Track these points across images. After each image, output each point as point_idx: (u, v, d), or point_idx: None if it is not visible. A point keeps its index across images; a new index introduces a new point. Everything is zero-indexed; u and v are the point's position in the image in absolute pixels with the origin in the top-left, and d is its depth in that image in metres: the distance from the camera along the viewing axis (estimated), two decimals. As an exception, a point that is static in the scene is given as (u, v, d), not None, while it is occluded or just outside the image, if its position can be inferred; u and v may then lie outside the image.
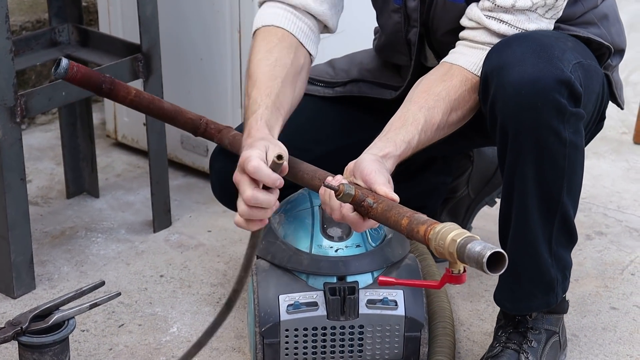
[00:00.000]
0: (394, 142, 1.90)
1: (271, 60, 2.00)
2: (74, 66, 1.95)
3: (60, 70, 1.94)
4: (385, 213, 1.75)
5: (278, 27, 2.06)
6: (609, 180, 3.04)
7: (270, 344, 2.10)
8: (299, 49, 2.06)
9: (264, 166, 1.77)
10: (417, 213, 1.74)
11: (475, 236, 1.64)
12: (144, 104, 2.04)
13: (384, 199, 1.78)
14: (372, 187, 1.80)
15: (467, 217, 2.61)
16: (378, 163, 1.84)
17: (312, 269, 2.10)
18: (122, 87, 2.01)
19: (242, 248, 2.68)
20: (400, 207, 1.76)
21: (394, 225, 1.74)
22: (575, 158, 1.98)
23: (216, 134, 2.13)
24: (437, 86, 1.97)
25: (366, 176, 1.82)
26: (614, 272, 2.60)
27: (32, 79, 3.28)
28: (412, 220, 1.72)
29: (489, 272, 1.60)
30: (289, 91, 1.99)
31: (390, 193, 1.79)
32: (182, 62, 2.91)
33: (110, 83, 2.00)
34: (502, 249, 1.60)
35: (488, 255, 1.59)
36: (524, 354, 2.13)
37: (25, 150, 2.51)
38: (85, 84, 1.99)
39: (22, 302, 2.45)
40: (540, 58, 1.91)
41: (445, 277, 1.71)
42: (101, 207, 2.88)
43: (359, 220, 1.81)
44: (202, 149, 2.97)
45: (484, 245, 1.61)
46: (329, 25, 2.13)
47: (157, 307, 2.45)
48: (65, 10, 2.72)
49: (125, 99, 2.02)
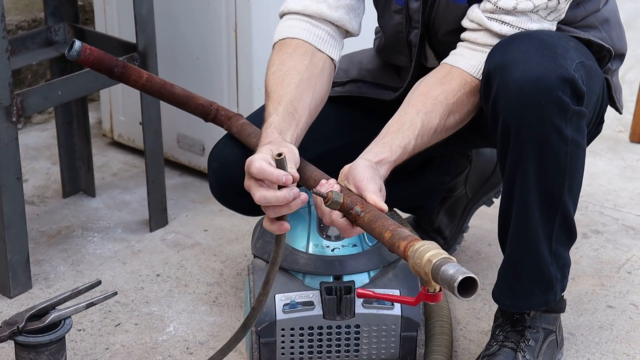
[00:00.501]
0: (389, 148, 1.90)
1: (283, 71, 2.02)
2: (86, 48, 1.95)
3: (73, 52, 1.93)
4: (371, 223, 1.77)
5: (293, 38, 2.07)
6: (606, 178, 3.04)
7: (266, 343, 2.10)
8: (316, 54, 2.06)
9: (267, 165, 1.77)
10: (401, 227, 1.75)
11: (451, 258, 1.65)
12: (155, 89, 2.04)
13: (372, 209, 1.79)
14: (363, 194, 1.81)
15: (464, 217, 2.61)
16: (371, 170, 1.84)
17: (309, 268, 2.10)
18: (134, 70, 2.01)
19: (238, 247, 2.68)
20: (386, 218, 1.77)
21: (377, 236, 1.76)
22: (577, 156, 1.98)
23: (226, 120, 2.14)
24: (436, 89, 1.97)
25: (358, 182, 1.82)
26: (611, 270, 2.60)
27: (28, 78, 3.28)
28: (394, 235, 1.73)
29: (459, 296, 1.61)
30: (305, 94, 2.00)
31: (379, 202, 1.79)
32: (178, 61, 2.91)
33: (122, 67, 1.99)
34: (473, 274, 1.61)
35: (460, 280, 1.60)
36: (521, 353, 2.13)
37: (21, 149, 2.51)
38: (98, 66, 1.98)
39: (19, 302, 2.45)
40: (544, 56, 1.90)
41: (420, 295, 1.73)
42: (97, 206, 2.88)
43: (348, 226, 1.82)
44: (198, 148, 2.96)
45: (457, 268, 1.62)
46: (349, 29, 2.13)
47: (154, 307, 2.45)
48: (61, 10, 2.72)
49: (137, 83, 2.02)
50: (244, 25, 2.75)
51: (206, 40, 2.84)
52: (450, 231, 2.59)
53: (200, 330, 2.36)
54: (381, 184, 1.84)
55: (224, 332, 2.35)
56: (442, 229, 2.58)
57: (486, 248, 2.68)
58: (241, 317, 2.40)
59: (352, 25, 2.12)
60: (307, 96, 2.00)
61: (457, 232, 2.61)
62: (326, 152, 2.17)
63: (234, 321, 2.38)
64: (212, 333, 2.35)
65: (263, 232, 2.18)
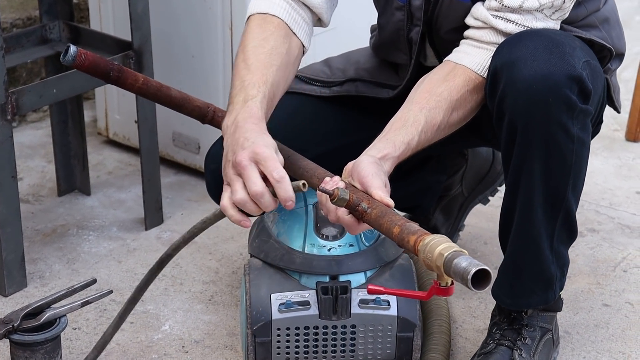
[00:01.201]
0: (393, 143, 1.89)
1: (267, 48, 1.98)
2: (82, 53, 1.94)
3: (68, 57, 1.93)
4: (379, 219, 1.75)
5: (274, 16, 2.04)
6: (601, 177, 3.04)
7: (262, 342, 2.10)
8: (293, 38, 2.04)
9: (279, 165, 1.75)
10: (409, 222, 1.73)
11: (463, 251, 1.65)
12: (152, 92, 2.04)
13: (379, 204, 1.77)
14: (368, 190, 1.79)
15: (460, 215, 2.61)
16: (376, 166, 1.83)
17: (305, 267, 2.09)
18: (130, 74, 2.01)
19: (233, 245, 2.68)
20: (394, 214, 1.76)
21: (386, 232, 1.75)
22: (582, 154, 1.98)
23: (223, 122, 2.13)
24: (440, 86, 1.96)
25: (363, 179, 1.81)
26: (607, 269, 2.60)
27: (23, 77, 3.27)
28: (403, 230, 1.72)
29: (473, 289, 1.60)
30: (282, 82, 1.98)
31: (385, 198, 1.78)
32: (173, 59, 2.91)
33: (118, 70, 1.99)
34: (486, 267, 1.61)
35: (473, 272, 1.59)
36: (518, 351, 2.13)
37: (16, 148, 2.50)
38: (93, 71, 1.98)
39: (14, 300, 2.44)
40: (552, 54, 1.90)
41: (432, 289, 1.72)
42: (93, 204, 2.87)
43: (354, 223, 1.81)
44: (193, 146, 2.96)
45: (470, 261, 1.62)
46: (323, 19, 2.11)
47: (149, 305, 2.44)
48: (56, 8, 2.71)
49: (133, 87, 2.02)
50: (240, 23, 2.75)
51: (202, 38, 2.84)
52: (446, 230, 2.59)
53: (196, 329, 2.36)
54: (386, 180, 1.83)
55: (220, 330, 2.35)
56: (438, 227, 2.58)
57: (482, 247, 2.68)
58: (237, 315, 2.39)
59: (326, 15, 2.10)
60: (282, 83, 1.98)
61: (453, 231, 2.61)
62: (326, 152, 2.17)
63: (229, 319, 2.38)
64: (207, 331, 2.35)
65: (259, 232, 2.18)
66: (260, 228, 2.18)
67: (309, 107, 2.26)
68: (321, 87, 2.30)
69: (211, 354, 2.28)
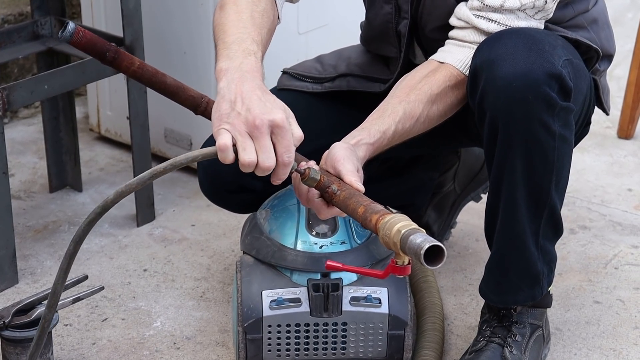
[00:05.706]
0: (368, 131, 1.91)
1: (261, 8, 1.93)
2: (80, 31, 1.94)
3: (66, 33, 1.92)
4: (346, 201, 1.77)
5: None
6: (593, 174, 3.04)
7: (252, 339, 2.10)
8: (274, 9, 2.02)
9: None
10: (375, 203, 1.74)
11: (420, 229, 1.66)
12: (146, 77, 2.03)
13: (349, 188, 1.78)
14: (340, 175, 1.81)
15: (452, 212, 2.61)
16: (348, 150, 1.84)
17: (296, 265, 2.09)
18: (126, 57, 2.00)
19: (225, 242, 2.68)
20: (361, 196, 1.77)
21: (352, 213, 1.76)
22: (564, 151, 1.98)
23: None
24: (420, 82, 1.98)
25: (335, 163, 1.82)
26: (598, 266, 2.60)
27: (15, 72, 3.26)
28: (367, 209, 1.73)
29: (426, 265, 1.61)
30: (267, 46, 1.94)
31: (355, 183, 1.79)
32: (165, 55, 2.90)
33: (114, 52, 1.98)
34: (441, 243, 1.62)
35: (426, 248, 1.61)
36: (508, 348, 2.14)
37: (7, 144, 2.50)
38: (90, 49, 1.97)
39: (5, 297, 2.44)
40: (531, 51, 1.91)
41: (389, 268, 1.73)
42: (84, 201, 2.87)
43: (323, 206, 1.81)
44: (185, 142, 2.96)
45: (425, 237, 1.63)
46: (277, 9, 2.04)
47: (141, 302, 2.44)
48: (47, 3, 2.71)
49: (128, 70, 2.01)
50: (232, 20, 2.75)
51: (194, 34, 2.84)
52: (438, 227, 2.59)
53: (188, 325, 2.36)
54: (359, 165, 1.84)
55: (211, 327, 2.35)
56: (430, 224, 2.58)
57: (474, 244, 2.68)
58: (228, 312, 2.39)
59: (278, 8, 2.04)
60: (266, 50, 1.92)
61: (445, 228, 2.61)
62: (319, 149, 2.17)
63: (221, 316, 2.38)
64: (199, 328, 2.35)
65: (252, 228, 2.18)
66: (253, 225, 2.18)
67: (301, 104, 2.26)
68: (313, 84, 2.30)
69: (203, 351, 2.28)
